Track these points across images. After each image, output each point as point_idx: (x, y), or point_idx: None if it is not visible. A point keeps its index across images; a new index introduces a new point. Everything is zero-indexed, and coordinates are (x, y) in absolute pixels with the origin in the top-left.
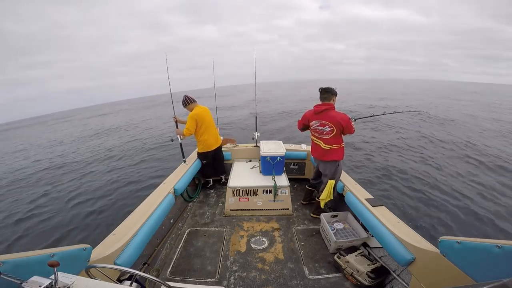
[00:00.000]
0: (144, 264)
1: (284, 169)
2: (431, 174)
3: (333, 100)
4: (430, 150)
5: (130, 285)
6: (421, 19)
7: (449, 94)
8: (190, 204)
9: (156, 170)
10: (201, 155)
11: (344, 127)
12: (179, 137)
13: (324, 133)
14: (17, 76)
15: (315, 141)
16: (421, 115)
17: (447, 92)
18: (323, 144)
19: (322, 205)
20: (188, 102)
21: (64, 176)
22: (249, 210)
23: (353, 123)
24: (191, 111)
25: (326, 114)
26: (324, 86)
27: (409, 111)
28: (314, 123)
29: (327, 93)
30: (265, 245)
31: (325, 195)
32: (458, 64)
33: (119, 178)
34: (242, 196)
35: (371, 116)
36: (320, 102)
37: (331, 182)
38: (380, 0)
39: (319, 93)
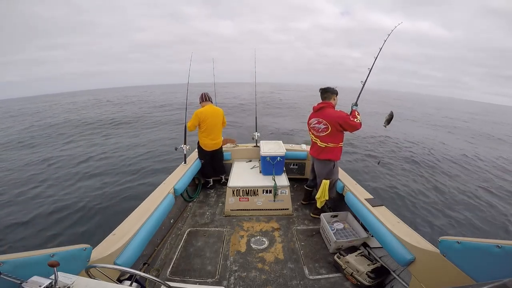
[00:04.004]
0: (144, 264)
1: (284, 169)
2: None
3: (334, 99)
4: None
5: (130, 285)
6: (444, 33)
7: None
8: (190, 204)
9: None
10: (199, 153)
11: (342, 124)
12: (184, 147)
13: (319, 130)
14: (36, 56)
15: (313, 140)
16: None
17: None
18: (319, 142)
19: (318, 204)
20: (202, 99)
21: None
22: (249, 210)
23: (356, 113)
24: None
25: (323, 111)
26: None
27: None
28: (312, 121)
29: (327, 93)
30: (265, 245)
31: (320, 194)
32: (478, 83)
33: None
34: (242, 196)
35: (363, 87)
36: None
37: (325, 182)
38: (403, 10)
39: (319, 93)
